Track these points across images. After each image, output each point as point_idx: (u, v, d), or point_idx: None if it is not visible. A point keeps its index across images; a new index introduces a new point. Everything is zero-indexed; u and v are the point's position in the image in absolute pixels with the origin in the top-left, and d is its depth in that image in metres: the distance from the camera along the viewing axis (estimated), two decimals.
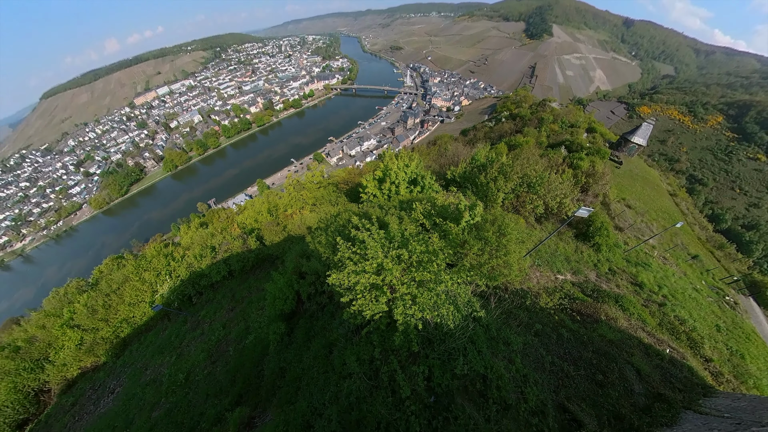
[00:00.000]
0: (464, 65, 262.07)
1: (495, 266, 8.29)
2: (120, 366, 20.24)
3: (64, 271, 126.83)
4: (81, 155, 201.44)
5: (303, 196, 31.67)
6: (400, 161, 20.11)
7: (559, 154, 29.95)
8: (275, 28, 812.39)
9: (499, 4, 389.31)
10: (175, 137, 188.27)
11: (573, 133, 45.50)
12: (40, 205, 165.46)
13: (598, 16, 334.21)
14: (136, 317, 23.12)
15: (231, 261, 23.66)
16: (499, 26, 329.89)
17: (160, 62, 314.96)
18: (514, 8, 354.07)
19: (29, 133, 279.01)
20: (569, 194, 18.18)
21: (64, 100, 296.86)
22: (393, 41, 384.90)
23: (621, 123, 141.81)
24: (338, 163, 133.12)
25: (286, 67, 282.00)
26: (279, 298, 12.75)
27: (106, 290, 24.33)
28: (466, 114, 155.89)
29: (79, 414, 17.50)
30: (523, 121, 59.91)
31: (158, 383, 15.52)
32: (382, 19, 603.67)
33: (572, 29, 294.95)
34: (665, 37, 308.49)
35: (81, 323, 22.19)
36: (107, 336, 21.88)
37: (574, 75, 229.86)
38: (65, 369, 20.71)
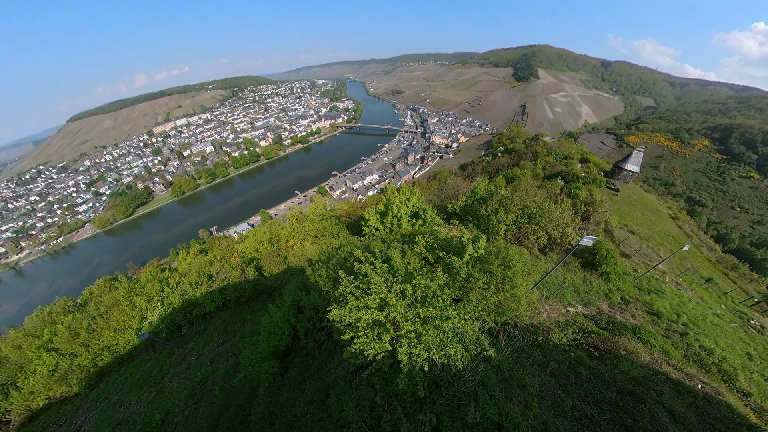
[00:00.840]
0: (460, 106, 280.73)
1: (502, 300, 8.04)
2: (92, 399, 18.31)
3: (53, 289, 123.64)
4: (94, 175, 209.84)
5: (305, 227, 31.71)
6: (402, 195, 20.60)
7: (556, 185, 30.60)
8: (289, 72, 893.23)
9: (489, 53, 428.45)
10: (187, 165, 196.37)
11: (568, 164, 46.91)
12: (45, 220, 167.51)
13: (578, 59, 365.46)
14: (120, 345, 21.48)
15: (227, 291, 22.85)
16: (490, 72, 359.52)
17: (182, 97, 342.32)
18: (502, 56, 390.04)
19: (50, 152, 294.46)
20: (571, 223, 18.19)
21: (88, 124, 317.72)
22: (394, 86, 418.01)
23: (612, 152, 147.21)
24: (341, 196, 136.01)
25: (297, 107, 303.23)
26: (274, 333, 12.06)
27: (93, 313, 23.05)
28: (463, 150, 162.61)
29: None
30: (519, 155, 62.19)
31: (131, 423, 14.02)
32: (384, 67, 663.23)
33: (556, 72, 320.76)
34: (641, 74, 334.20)
35: (60, 347, 20.55)
36: (85, 363, 20.04)
37: (562, 111, 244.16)
38: (32, 398, 18.63)
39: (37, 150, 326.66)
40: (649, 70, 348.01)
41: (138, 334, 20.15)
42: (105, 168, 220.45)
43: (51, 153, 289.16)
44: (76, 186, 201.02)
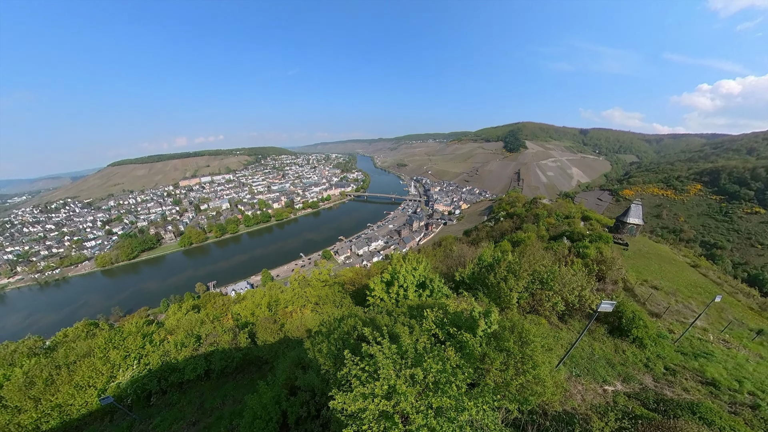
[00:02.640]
0: (459, 176, 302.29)
1: (525, 383, 7.26)
2: None
3: (29, 322, 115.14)
4: (113, 215, 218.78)
5: (306, 293, 30.06)
6: (408, 264, 20.49)
7: (563, 245, 30.38)
8: (307, 146, 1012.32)
9: (480, 131, 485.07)
10: (201, 218, 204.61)
11: (570, 224, 47.35)
12: (51, 249, 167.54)
13: (558, 130, 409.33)
14: (75, 406, 17.60)
15: (213, 358, 20.00)
16: (483, 146, 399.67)
17: (212, 158, 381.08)
18: (492, 133, 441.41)
19: (83, 188, 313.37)
20: (587, 285, 17.42)
21: (125, 170, 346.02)
22: (399, 160, 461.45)
23: (611, 207, 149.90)
24: (345, 261, 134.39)
25: (311, 176, 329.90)
26: (260, 418, 10.20)
27: (59, 360, 19.72)
28: (466, 216, 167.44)
29: None
30: (521, 219, 63.60)
31: None
32: (390, 144, 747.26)
33: (542, 141, 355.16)
34: (617, 136, 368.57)
35: (7, 396, 17.01)
36: (25, 424, 16.18)
37: (555, 174, 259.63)
38: None
39: (72, 185, 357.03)
40: (623, 132, 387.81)
41: (100, 397, 16.79)
42: (125, 210, 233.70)
43: (83, 189, 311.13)
44: (93, 222, 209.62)
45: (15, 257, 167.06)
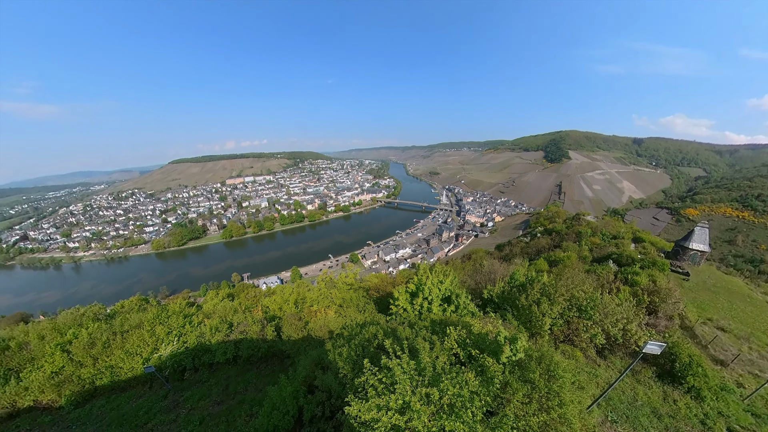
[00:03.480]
0: (494, 187, 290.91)
1: (548, 421, 6.76)
2: (72, 419, 16.40)
3: (95, 291, 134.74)
4: (170, 206, 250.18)
5: (332, 294, 30.80)
6: (435, 276, 20.16)
7: (608, 270, 27.72)
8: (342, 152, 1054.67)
9: (518, 140, 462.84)
10: (242, 214, 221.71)
11: (618, 245, 42.93)
12: (118, 231, 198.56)
13: (607, 140, 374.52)
14: (123, 369, 19.90)
15: (242, 345, 21.34)
16: (521, 155, 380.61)
17: (256, 160, 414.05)
18: (531, 142, 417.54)
19: (148, 181, 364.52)
20: (633, 318, 15.69)
21: (182, 167, 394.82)
22: (432, 168, 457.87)
23: (670, 229, 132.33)
24: (372, 266, 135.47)
25: (344, 180, 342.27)
26: (278, 409, 10.61)
27: (116, 328, 22.36)
28: (499, 229, 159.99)
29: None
30: (560, 236, 59.12)
31: None
32: (423, 152, 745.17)
33: (587, 152, 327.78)
34: (679, 146, 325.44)
35: (74, 351, 19.73)
36: (85, 377, 18.75)
37: (602, 188, 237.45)
38: (23, 393, 17.28)
39: (140, 178, 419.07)
40: (686, 142, 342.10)
41: (144, 365, 19.02)
42: (179, 202, 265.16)
43: (148, 182, 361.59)
44: (153, 211, 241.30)
45: (91, 235, 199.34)
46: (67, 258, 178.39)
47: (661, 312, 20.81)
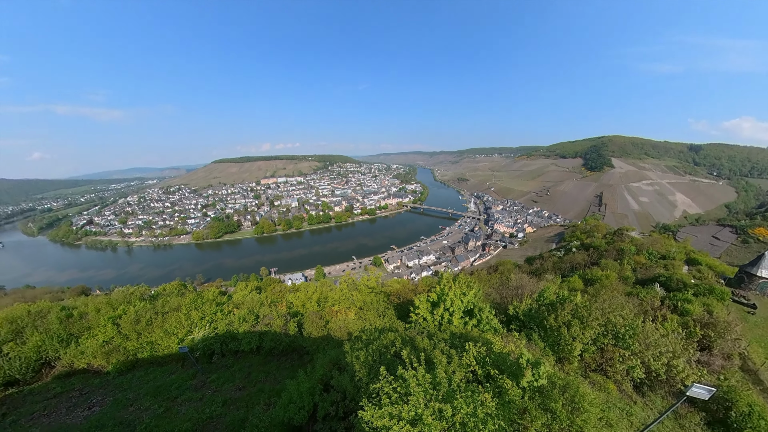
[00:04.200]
0: (526, 195, 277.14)
1: None
2: (116, 384, 18.51)
3: (141, 272, 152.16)
4: (209, 201, 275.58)
5: (353, 296, 31.26)
6: (458, 288, 19.66)
7: (653, 294, 25.17)
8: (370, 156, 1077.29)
9: (554, 146, 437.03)
10: (273, 212, 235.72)
11: (668, 267, 38.69)
12: (165, 221, 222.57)
13: (658, 146, 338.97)
14: (161, 346, 22.11)
15: (265, 337, 22.51)
16: (557, 163, 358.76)
17: (288, 162, 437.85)
18: (569, 148, 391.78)
19: (192, 178, 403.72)
20: (681, 353, 14.06)
21: (222, 167, 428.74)
22: (460, 174, 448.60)
23: (734, 251, 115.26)
24: (394, 270, 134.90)
25: (371, 184, 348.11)
26: (294, 403, 11.00)
27: (158, 308, 24.76)
28: (530, 241, 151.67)
29: (50, 410, 15.95)
30: (599, 252, 54.67)
31: (130, 429, 13.52)
32: (452, 157, 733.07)
33: (634, 159, 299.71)
34: (747, 154, 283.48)
35: (122, 325, 22.41)
36: (130, 349, 21.24)
37: (650, 201, 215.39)
38: (79, 357, 20.13)
39: (186, 175, 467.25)
40: (757, 148, 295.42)
41: (179, 345, 20.91)
42: (218, 199, 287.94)
43: (192, 179, 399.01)
44: (195, 205, 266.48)
45: (143, 223, 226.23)
46: (122, 242, 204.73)
47: (717, 349, 18.41)
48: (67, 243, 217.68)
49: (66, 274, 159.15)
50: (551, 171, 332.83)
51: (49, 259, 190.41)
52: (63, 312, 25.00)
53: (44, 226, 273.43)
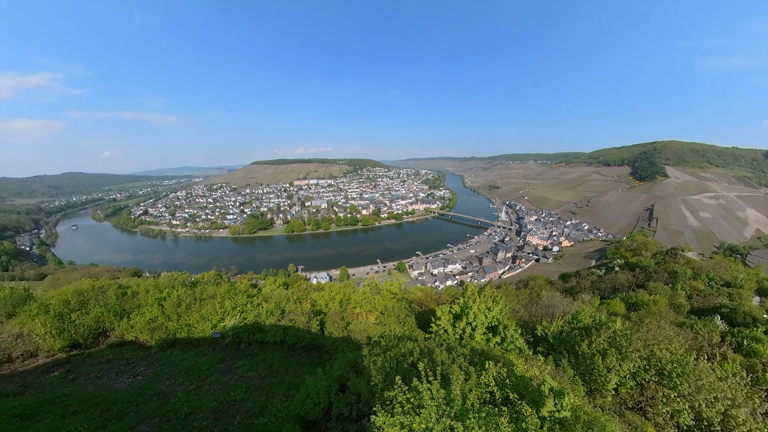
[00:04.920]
0: (564, 206, 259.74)
1: None
2: (157, 359, 20.75)
3: (184, 260, 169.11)
4: (247, 199, 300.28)
5: (375, 300, 31.46)
6: (482, 302, 18.92)
7: (712, 327, 22.19)
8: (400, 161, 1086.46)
9: (597, 152, 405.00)
10: (304, 212, 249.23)
11: (733, 296, 33.86)
12: (207, 216, 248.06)
13: (723, 153, 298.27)
14: (197, 329, 24.28)
15: (289, 332, 23.54)
16: (600, 171, 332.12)
17: (320, 165, 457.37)
18: (614, 155, 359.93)
19: (233, 177, 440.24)
20: (743, 402, 12.20)
21: (259, 168, 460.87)
22: (491, 181, 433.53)
23: None
24: (418, 277, 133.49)
25: (399, 189, 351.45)
26: (311, 399, 11.37)
27: (197, 295, 27.09)
28: (567, 256, 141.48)
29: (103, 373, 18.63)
30: (646, 274, 49.35)
31: (165, 399, 15.02)
32: (483, 164, 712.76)
33: (693, 168, 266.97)
34: None
35: (166, 306, 25.04)
36: (170, 328, 23.71)
37: (714, 217, 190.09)
38: (129, 330, 23.14)
39: (227, 174, 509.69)
40: None
41: (212, 330, 22.96)
42: (255, 197, 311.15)
43: (232, 178, 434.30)
44: (234, 203, 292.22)
45: (188, 216, 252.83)
46: (170, 232, 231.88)
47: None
48: (126, 229, 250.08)
49: (123, 256, 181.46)
50: (593, 180, 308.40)
51: (110, 242, 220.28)
52: (119, 290, 28.41)
53: (109, 213, 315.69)
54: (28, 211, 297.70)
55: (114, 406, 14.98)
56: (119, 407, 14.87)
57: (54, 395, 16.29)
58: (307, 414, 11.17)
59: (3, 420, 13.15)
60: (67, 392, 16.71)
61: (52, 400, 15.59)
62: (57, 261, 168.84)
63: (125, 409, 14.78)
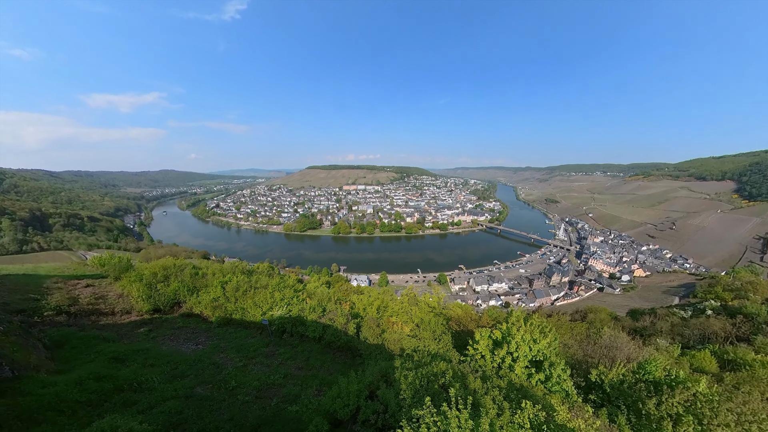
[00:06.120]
0: (639, 227, 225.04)
1: None
2: (216, 333, 24.14)
3: (244, 250, 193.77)
4: (300, 200, 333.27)
5: (412, 311, 31.12)
6: (528, 331, 17.21)
7: None
8: (447, 170, 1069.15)
9: (687, 163, 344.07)
10: (350, 216, 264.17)
11: None
12: (266, 212, 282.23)
13: None
14: (249, 314, 27.49)
15: (327, 330, 25.05)
16: (691, 186, 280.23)
17: (368, 172, 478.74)
18: (712, 166, 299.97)
19: (289, 180, 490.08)
20: None
21: (313, 172, 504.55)
22: (549, 194, 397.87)
23: None
24: (459, 292, 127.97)
25: (446, 198, 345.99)
26: (341, 398, 11.78)
27: (252, 283, 30.70)
28: (640, 288, 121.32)
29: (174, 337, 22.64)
30: (753, 324, 39.37)
31: (218, 370, 17.27)
32: (540, 174, 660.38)
33: None
34: None
35: (227, 289, 28.87)
36: (228, 309, 27.35)
37: None
38: (197, 304, 27.86)
39: (285, 177, 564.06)
40: None
41: (262, 317, 25.87)
42: (307, 199, 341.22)
43: (289, 180, 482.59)
44: (289, 202, 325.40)
45: (250, 211, 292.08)
46: (234, 224, 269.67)
47: None
48: (201, 218, 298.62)
49: (197, 240, 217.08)
50: (680, 197, 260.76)
51: (189, 227, 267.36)
52: (193, 270, 33.75)
53: (190, 204, 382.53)
54: (134, 198, 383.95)
55: (179, 366, 17.83)
56: (183, 368, 17.64)
57: (139, 347, 20.17)
58: (335, 412, 11.60)
59: (103, 360, 17.00)
60: (148, 347, 20.54)
61: (137, 351, 19.35)
62: (150, 239, 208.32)
63: (187, 371, 17.45)
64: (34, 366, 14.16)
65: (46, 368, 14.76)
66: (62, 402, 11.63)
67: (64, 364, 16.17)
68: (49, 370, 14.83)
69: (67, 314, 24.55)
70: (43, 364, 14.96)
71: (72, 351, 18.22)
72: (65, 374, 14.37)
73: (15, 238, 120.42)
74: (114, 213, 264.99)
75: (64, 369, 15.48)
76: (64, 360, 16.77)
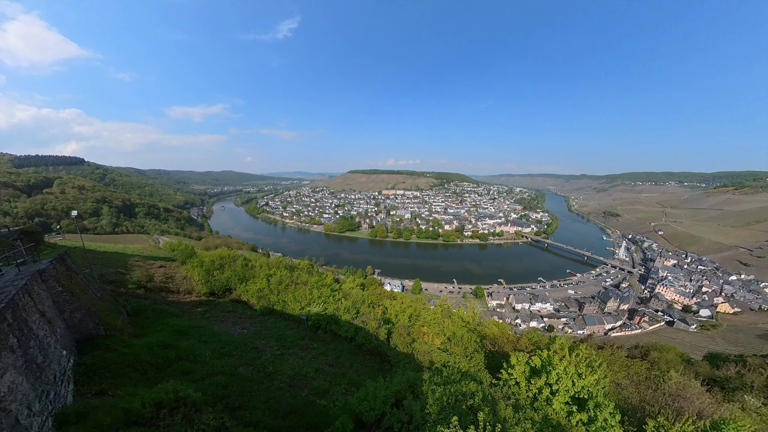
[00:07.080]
0: (726, 251, 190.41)
1: None
2: (258, 321, 26.68)
3: (287, 246, 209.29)
4: (341, 202, 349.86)
5: (444, 324, 30.27)
6: (573, 363, 15.57)
7: None
8: (491, 176, 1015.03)
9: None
10: (388, 220, 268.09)
11: None
12: (309, 212, 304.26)
13: None
14: (289, 306, 29.81)
15: (359, 333, 25.93)
16: None
17: (408, 177, 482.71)
18: None
19: (332, 183, 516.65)
20: None
21: (354, 176, 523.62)
22: (608, 206, 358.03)
23: None
24: (496, 308, 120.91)
25: (488, 207, 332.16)
26: (368, 401, 12.06)
27: (294, 278, 33.24)
28: (725, 328, 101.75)
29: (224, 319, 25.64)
30: None
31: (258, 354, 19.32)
32: (597, 183, 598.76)
33: None
34: None
35: (271, 282, 31.70)
36: (271, 300, 30.04)
37: None
38: (245, 291, 31.40)
39: (328, 180, 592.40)
40: None
41: (300, 311, 27.94)
42: (347, 201, 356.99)
43: (331, 183, 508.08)
44: (330, 204, 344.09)
45: (295, 210, 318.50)
46: (280, 221, 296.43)
47: None
48: (252, 214, 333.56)
49: (247, 233, 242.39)
50: None
51: (242, 222, 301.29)
52: (244, 261, 37.64)
53: (244, 201, 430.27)
54: (199, 194, 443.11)
55: (227, 346, 20.33)
56: (230, 348, 20.15)
57: (196, 324, 23.24)
58: (361, 414, 11.95)
59: (169, 331, 19.90)
60: (203, 325, 23.57)
61: (195, 328, 22.31)
62: (209, 229, 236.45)
63: (233, 351, 19.84)
64: (119, 328, 17.14)
65: (128, 332, 17.84)
66: (138, 361, 14.00)
67: (140, 330, 19.42)
68: (130, 333, 17.90)
69: (145, 288, 29.48)
70: (125, 328, 18.09)
71: (146, 320, 21.83)
72: (141, 339, 17.15)
73: (110, 221, 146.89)
74: (183, 205, 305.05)
75: (140, 334, 18.52)
76: (140, 326, 20.12)
